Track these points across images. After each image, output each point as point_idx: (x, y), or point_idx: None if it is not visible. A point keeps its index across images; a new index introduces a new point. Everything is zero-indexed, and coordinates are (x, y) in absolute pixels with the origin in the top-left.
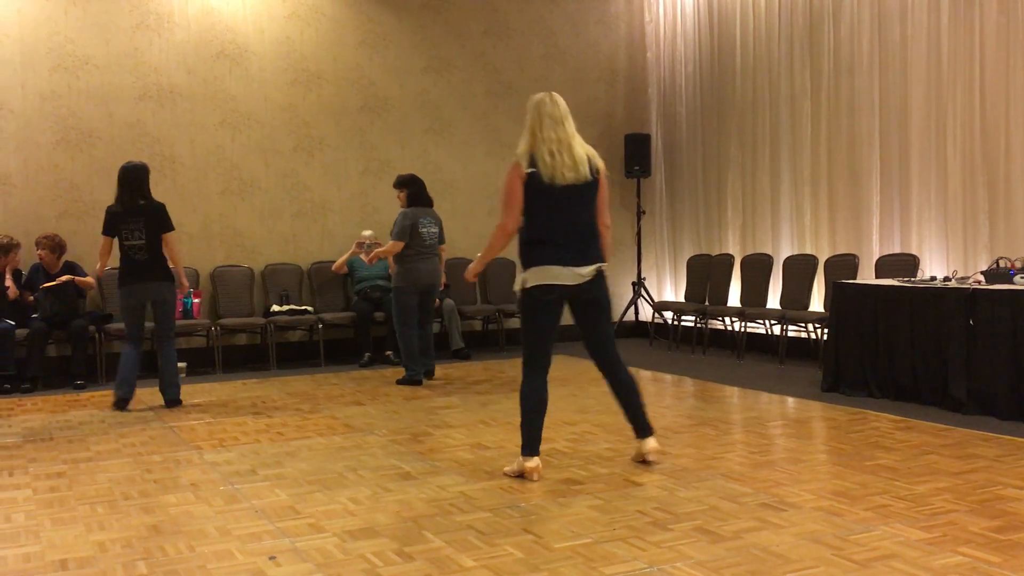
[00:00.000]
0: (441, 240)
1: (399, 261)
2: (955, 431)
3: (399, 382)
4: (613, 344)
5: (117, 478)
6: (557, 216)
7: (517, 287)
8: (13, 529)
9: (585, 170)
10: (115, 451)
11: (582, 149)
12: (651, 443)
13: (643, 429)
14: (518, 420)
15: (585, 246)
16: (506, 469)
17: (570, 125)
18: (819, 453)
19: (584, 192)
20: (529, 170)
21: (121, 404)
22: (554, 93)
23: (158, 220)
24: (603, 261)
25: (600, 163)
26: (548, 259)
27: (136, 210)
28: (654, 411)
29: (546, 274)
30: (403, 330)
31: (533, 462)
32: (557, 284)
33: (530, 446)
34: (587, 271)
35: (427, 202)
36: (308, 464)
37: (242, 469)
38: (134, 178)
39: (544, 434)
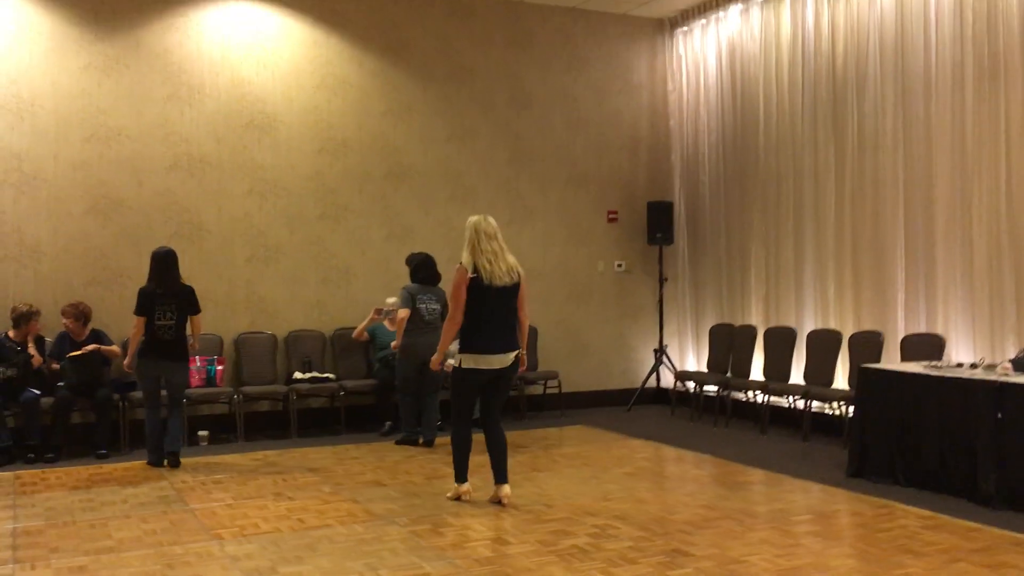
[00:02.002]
0: (444, 316)
1: (403, 335)
2: (985, 532)
3: (398, 442)
4: (501, 407)
5: (138, 574)
6: (492, 312)
7: (454, 363)
8: None
9: (513, 276)
10: (136, 539)
11: (511, 259)
12: (505, 489)
13: (501, 477)
14: (537, 507)
15: (511, 337)
16: (448, 495)
17: (501, 240)
18: (846, 558)
19: (511, 293)
20: (472, 275)
21: (156, 463)
22: (488, 216)
23: (189, 302)
24: (520, 348)
25: (522, 271)
26: (483, 348)
27: (172, 292)
28: (677, 499)
29: (481, 360)
30: (400, 397)
31: (466, 486)
32: (487, 369)
33: (462, 475)
34: (510, 357)
35: (430, 280)
36: (328, 560)
37: (262, 565)
38: (170, 262)
39: (563, 528)
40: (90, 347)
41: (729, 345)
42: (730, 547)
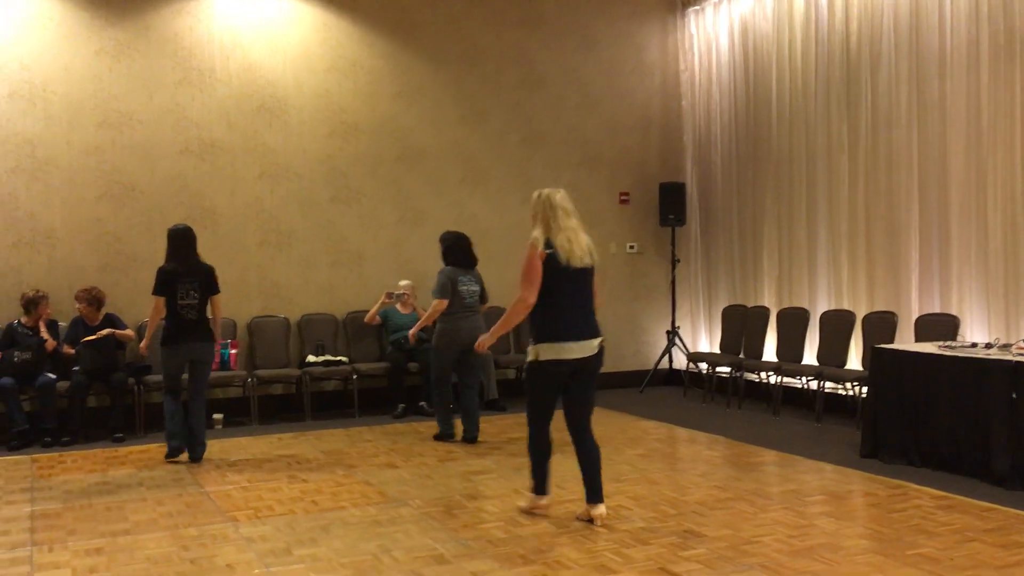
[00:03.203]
0: (483, 299)
1: (440, 319)
2: (998, 512)
3: (435, 437)
4: (591, 411)
5: (154, 556)
6: (570, 295)
7: (531, 358)
8: None
9: (590, 258)
10: (152, 522)
11: (586, 238)
12: (600, 509)
13: (595, 495)
14: (552, 489)
15: (592, 323)
16: (521, 505)
17: (577, 216)
18: (859, 538)
19: (589, 276)
20: (548, 251)
21: (175, 454)
22: (562, 189)
23: (210, 282)
24: (602, 335)
25: (596, 253)
26: (562, 335)
27: (194, 270)
28: (690, 480)
29: (560, 350)
30: (438, 387)
31: (545, 500)
32: (569, 359)
33: (541, 486)
34: (594, 344)
35: (465, 262)
36: (342, 542)
37: (277, 547)
38: (190, 239)
39: (576, 508)
40: (104, 332)
41: (742, 326)
42: (742, 528)
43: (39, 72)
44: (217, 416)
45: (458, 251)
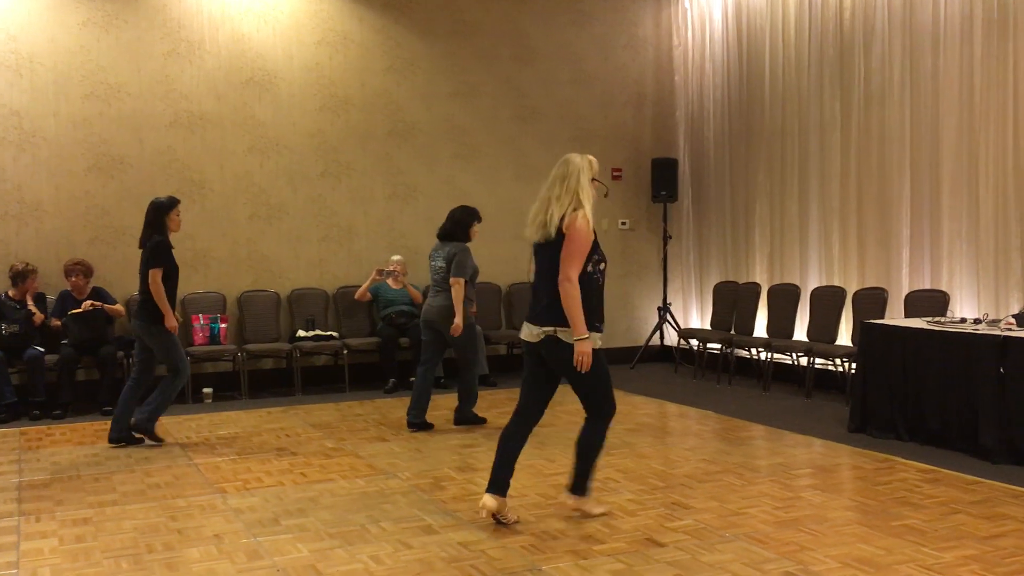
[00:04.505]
0: (459, 271)
1: None
2: (984, 485)
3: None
4: (542, 409)
5: (141, 526)
6: (537, 272)
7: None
8: None
9: (545, 231)
10: (140, 493)
11: (556, 209)
12: (485, 499)
13: (492, 482)
14: (538, 463)
15: (540, 308)
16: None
17: (559, 185)
18: (845, 510)
19: (545, 252)
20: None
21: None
22: (572, 155)
23: (145, 256)
24: (555, 325)
25: (558, 224)
26: (527, 314)
27: (142, 246)
28: (678, 453)
29: (522, 328)
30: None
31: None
32: (523, 340)
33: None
34: (536, 332)
35: (445, 234)
36: (330, 513)
37: (265, 518)
38: (148, 214)
39: (564, 482)
40: (88, 303)
41: (733, 303)
42: (729, 500)
43: (25, 43)
44: (207, 390)
45: (444, 224)
